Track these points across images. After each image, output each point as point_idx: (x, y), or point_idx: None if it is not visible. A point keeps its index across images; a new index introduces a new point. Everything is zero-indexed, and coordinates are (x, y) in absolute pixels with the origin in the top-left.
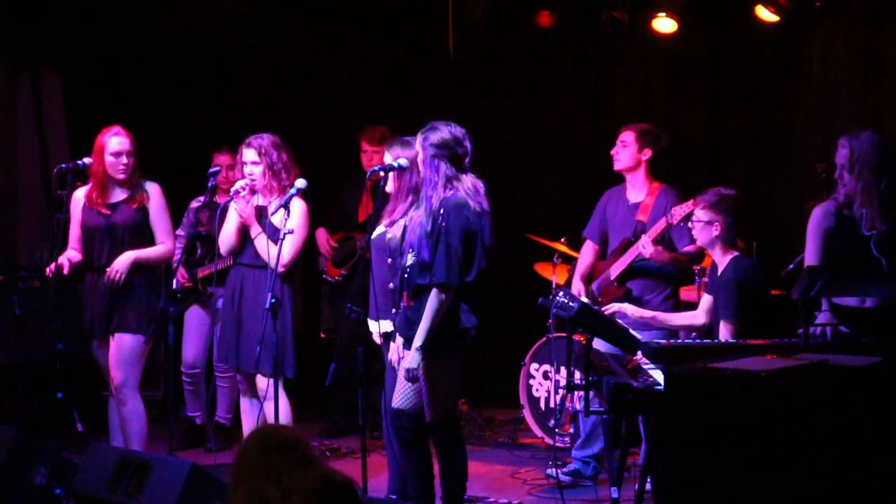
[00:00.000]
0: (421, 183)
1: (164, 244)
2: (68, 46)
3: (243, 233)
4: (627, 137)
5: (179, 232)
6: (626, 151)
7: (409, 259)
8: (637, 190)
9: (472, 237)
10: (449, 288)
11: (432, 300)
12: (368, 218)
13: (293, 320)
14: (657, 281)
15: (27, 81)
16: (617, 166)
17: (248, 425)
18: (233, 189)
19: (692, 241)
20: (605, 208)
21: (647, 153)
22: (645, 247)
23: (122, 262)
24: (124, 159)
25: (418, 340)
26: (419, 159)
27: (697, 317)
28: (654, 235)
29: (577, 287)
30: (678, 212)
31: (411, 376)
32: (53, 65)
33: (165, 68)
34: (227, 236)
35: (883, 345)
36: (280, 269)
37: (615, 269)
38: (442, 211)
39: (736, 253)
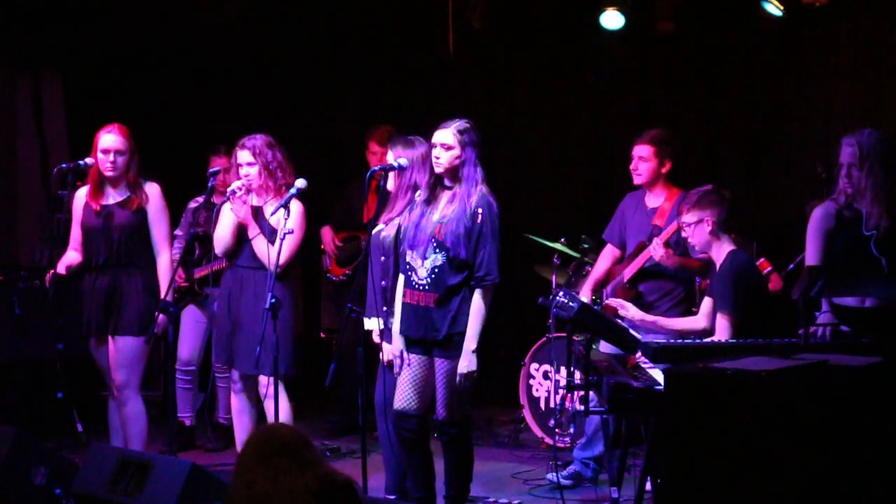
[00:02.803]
0: (419, 182)
1: (161, 254)
2: (68, 46)
3: (240, 234)
4: (645, 152)
5: (178, 232)
6: (645, 166)
7: (438, 259)
8: (656, 196)
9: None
10: (495, 288)
11: (483, 301)
12: (371, 218)
13: (293, 320)
14: (669, 285)
15: (27, 81)
16: (637, 181)
17: (241, 424)
18: (229, 190)
19: None
20: (625, 213)
21: (667, 166)
22: (655, 249)
23: (162, 322)
24: (111, 157)
25: (473, 343)
26: (453, 156)
27: (698, 321)
28: (664, 238)
29: (586, 293)
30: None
31: (472, 381)
32: (53, 65)
33: (165, 68)
34: (222, 237)
35: (883, 345)
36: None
37: (629, 272)
38: (480, 210)
39: (733, 247)
